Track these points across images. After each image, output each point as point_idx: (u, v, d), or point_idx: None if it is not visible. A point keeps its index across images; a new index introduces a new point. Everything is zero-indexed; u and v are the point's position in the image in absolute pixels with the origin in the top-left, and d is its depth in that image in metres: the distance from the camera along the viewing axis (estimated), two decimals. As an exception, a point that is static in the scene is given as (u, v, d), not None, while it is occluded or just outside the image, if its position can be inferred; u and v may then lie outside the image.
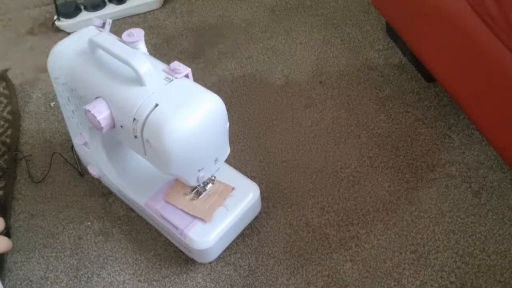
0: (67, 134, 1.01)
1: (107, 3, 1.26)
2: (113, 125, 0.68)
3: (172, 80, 0.66)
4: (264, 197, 0.88)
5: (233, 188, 0.80)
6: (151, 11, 1.27)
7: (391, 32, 1.12)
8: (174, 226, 0.77)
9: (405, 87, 1.04)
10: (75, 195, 0.92)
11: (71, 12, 1.22)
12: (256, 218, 0.85)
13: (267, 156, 0.95)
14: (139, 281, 0.80)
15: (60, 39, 1.22)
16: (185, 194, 0.80)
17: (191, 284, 0.79)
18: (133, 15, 1.26)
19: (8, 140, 1.00)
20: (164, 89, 0.65)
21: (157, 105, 0.63)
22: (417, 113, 0.99)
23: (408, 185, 0.88)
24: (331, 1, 1.25)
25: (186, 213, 0.78)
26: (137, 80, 0.65)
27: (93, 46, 0.69)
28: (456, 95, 0.90)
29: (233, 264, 0.81)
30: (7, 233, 0.85)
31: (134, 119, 0.64)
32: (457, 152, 0.92)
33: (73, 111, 0.77)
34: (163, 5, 1.28)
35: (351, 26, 1.18)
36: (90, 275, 0.81)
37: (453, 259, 0.79)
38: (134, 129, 0.64)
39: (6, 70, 1.16)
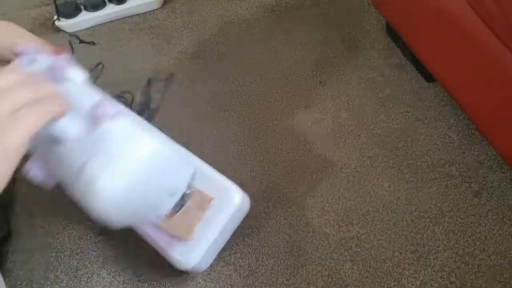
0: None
1: (107, 3, 1.26)
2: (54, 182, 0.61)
3: (97, 128, 0.55)
4: (264, 197, 0.88)
5: (211, 199, 0.72)
6: (151, 11, 1.27)
7: (391, 32, 1.12)
8: (157, 244, 0.73)
9: (405, 87, 1.04)
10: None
11: (71, 12, 1.22)
12: (256, 218, 0.85)
13: (267, 156, 0.95)
14: (139, 281, 0.80)
15: (60, 39, 1.22)
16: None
17: (191, 284, 0.79)
18: (133, 15, 1.26)
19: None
20: (87, 143, 0.54)
21: (84, 163, 0.55)
22: (417, 113, 0.99)
23: (408, 185, 0.88)
24: (331, 1, 1.25)
25: (167, 231, 0.73)
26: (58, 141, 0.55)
27: None
28: (456, 95, 0.90)
29: (233, 264, 0.81)
30: (7, 233, 0.85)
31: (66, 181, 0.57)
32: (457, 152, 0.92)
33: None
34: (163, 5, 1.28)
35: (351, 26, 1.18)
36: (90, 275, 0.81)
37: (453, 259, 0.79)
38: (70, 190, 0.58)
39: (6, 70, 1.16)
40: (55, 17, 1.24)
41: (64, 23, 1.23)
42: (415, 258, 0.79)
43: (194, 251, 0.71)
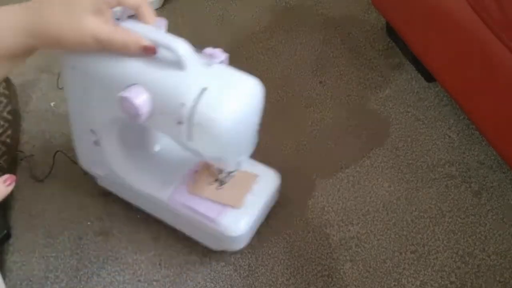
0: (67, 134, 1.01)
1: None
2: (150, 113, 0.66)
3: (212, 64, 0.65)
4: (264, 197, 0.88)
5: (256, 176, 0.80)
6: (151, 11, 1.27)
7: (391, 32, 1.12)
8: (205, 216, 0.76)
9: (405, 87, 1.04)
10: (75, 195, 0.92)
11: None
12: (256, 218, 0.86)
13: (267, 156, 0.95)
14: (139, 281, 0.80)
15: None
16: (209, 184, 0.79)
17: (191, 284, 0.79)
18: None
19: (8, 140, 0.99)
20: (206, 73, 0.64)
21: (205, 88, 0.62)
22: (417, 113, 0.99)
23: (408, 185, 0.88)
24: (331, 1, 1.25)
25: (215, 202, 0.77)
26: (177, 64, 0.63)
27: None
28: (456, 95, 0.90)
29: (233, 264, 0.81)
30: (7, 233, 0.85)
31: (182, 103, 0.62)
32: (457, 152, 0.92)
33: (88, 103, 0.73)
34: (163, 5, 1.28)
35: (351, 26, 1.18)
36: (90, 275, 0.81)
37: (453, 259, 0.79)
38: (179, 114, 0.63)
39: (6, 70, 1.16)
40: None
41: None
42: (415, 258, 0.79)
43: (243, 219, 0.77)
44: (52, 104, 1.07)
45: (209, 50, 0.66)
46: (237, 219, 0.76)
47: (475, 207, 0.85)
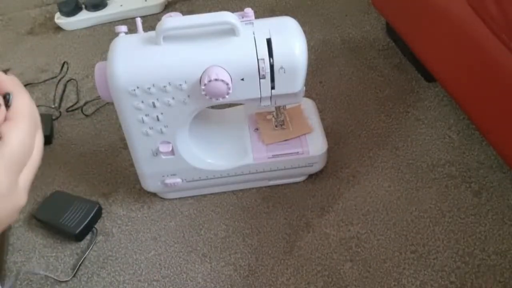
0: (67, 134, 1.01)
1: (108, 3, 1.26)
2: (233, 83, 0.69)
3: (252, 22, 0.71)
4: (264, 197, 0.88)
5: (300, 104, 0.88)
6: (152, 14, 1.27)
7: (391, 32, 1.12)
8: (293, 153, 0.83)
9: (405, 87, 1.04)
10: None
11: (71, 10, 1.22)
12: (256, 218, 0.85)
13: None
14: (139, 281, 0.80)
15: (60, 39, 1.22)
16: (274, 130, 0.86)
17: (191, 284, 0.79)
18: (133, 17, 1.26)
19: (8, 140, 0.99)
20: (257, 27, 0.70)
21: (269, 39, 0.69)
22: (417, 113, 0.99)
23: (408, 185, 0.88)
24: (331, 1, 1.25)
25: (290, 140, 0.85)
26: (231, 32, 0.69)
27: (168, 31, 0.69)
28: (456, 95, 0.90)
29: (233, 264, 0.81)
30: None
31: (260, 59, 0.68)
32: (457, 152, 0.92)
33: (157, 116, 0.73)
34: (164, 9, 1.28)
35: (351, 26, 1.18)
36: (90, 275, 0.81)
37: (453, 259, 0.79)
38: (261, 69, 0.69)
39: (6, 70, 1.16)
40: (57, 14, 1.24)
41: (62, 21, 1.23)
42: (415, 258, 0.79)
43: (320, 137, 0.86)
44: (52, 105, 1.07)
45: (239, 13, 0.72)
46: (316, 140, 0.85)
47: (475, 207, 0.85)
